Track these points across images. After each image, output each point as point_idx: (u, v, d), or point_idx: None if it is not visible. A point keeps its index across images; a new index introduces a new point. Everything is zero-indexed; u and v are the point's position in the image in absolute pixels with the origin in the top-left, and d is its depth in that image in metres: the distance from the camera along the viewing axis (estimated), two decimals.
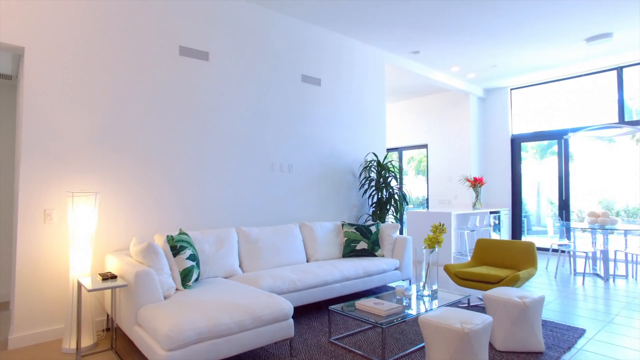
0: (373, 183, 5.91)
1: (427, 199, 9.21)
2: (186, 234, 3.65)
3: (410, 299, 3.52)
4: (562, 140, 7.83)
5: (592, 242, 5.98)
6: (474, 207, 7.94)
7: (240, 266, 4.20)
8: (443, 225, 3.80)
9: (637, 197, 11.41)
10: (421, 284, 3.73)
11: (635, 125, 6.03)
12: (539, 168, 10.27)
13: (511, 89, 8.59)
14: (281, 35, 5.13)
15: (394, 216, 5.83)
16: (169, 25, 4.15)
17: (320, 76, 5.56)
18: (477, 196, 7.90)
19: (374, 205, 5.84)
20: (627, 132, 6.08)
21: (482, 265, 4.61)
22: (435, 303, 3.47)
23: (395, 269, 4.85)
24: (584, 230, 5.76)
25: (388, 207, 5.75)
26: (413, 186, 10.87)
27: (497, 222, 8.08)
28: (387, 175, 5.76)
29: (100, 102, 3.69)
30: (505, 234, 8.30)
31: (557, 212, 8.10)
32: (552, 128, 8.03)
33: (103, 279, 3.00)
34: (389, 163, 5.83)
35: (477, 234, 7.60)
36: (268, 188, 4.94)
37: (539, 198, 10.86)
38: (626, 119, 7.05)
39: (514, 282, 3.87)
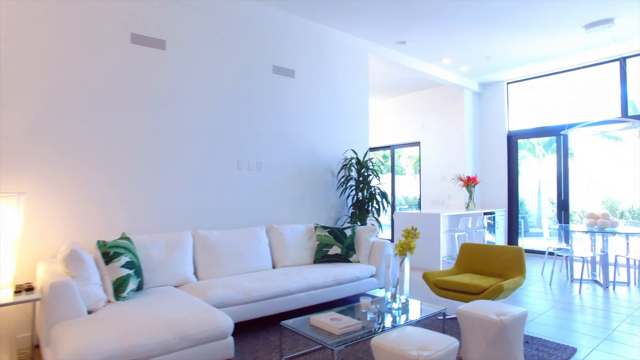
0: (353, 182, 5.49)
1: (420, 199, 8.78)
2: (127, 239, 3.26)
3: (376, 314, 3.11)
4: (561, 136, 7.36)
5: (592, 246, 5.52)
6: (467, 207, 7.50)
7: (195, 273, 3.82)
8: (416, 229, 3.38)
9: None
10: (389, 294, 3.32)
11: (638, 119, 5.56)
12: (541, 166, 9.80)
13: (508, 83, 8.13)
14: (249, 23, 4.74)
15: (375, 218, 5.42)
16: (118, 9, 3.76)
17: (295, 67, 5.15)
18: (470, 196, 7.46)
19: (353, 206, 5.42)
20: (627, 126, 5.61)
21: (466, 273, 4.19)
22: (404, 319, 3.06)
23: (371, 276, 4.43)
24: (585, 232, 5.31)
25: (369, 208, 5.33)
26: (411, 185, 10.44)
27: (492, 222, 7.63)
28: (367, 173, 5.35)
29: (35, 91, 3.31)
30: (500, 236, 7.85)
31: (557, 212, 7.63)
32: (551, 124, 7.56)
33: (16, 292, 2.62)
34: (369, 161, 5.41)
35: (469, 236, 7.17)
36: (234, 188, 4.54)
37: (540, 198, 10.39)
38: (630, 114, 6.57)
39: (496, 293, 3.44)
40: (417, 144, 8.86)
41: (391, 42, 6.06)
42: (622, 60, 6.60)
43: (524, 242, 8.14)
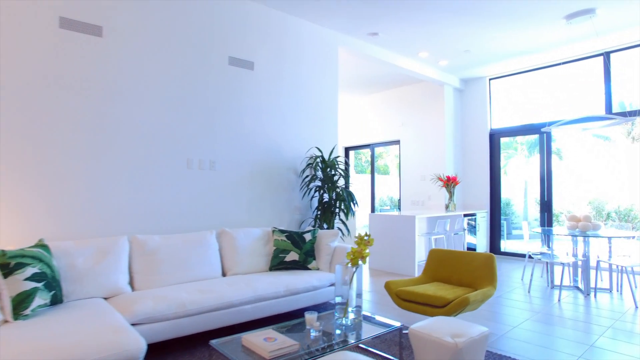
0: (319, 182, 5.12)
1: (400, 199, 8.43)
2: (43, 246, 2.87)
3: (320, 331, 2.74)
4: (544, 134, 7.04)
5: (573, 250, 5.19)
6: (447, 208, 7.16)
7: (131, 283, 3.43)
8: (369, 236, 3.01)
9: (630, 198, 10.62)
10: (340, 309, 2.95)
11: (623, 116, 5.25)
12: (527, 166, 9.50)
13: (490, 79, 7.81)
14: (203, 10, 4.35)
15: (342, 220, 5.05)
16: None
17: (254, 59, 4.77)
18: (450, 197, 7.12)
19: (318, 208, 5.05)
20: (609, 123, 5.30)
21: (433, 282, 3.83)
22: (354, 337, 2.69)
23: (332, 285, 4.06)
24: (565, 235, 4.98)
25: (336, 210, 4.97)
26: (396, 186, 10.10)
27: (473, 223, 7.29)
28: (333, 173, 4.98)
29: None
30: (482, 239, 7.52)
31: (540, 214, 7.31)
32: (535, 122, 7.24)
33: None
34: (335, 160, 5.04)
35: (447, 239, 6.82)
36: (183, 189, 4.16)
37: (526, 199, 10.09)
38: (615, 111, 6.25)
39: (461, 307, 3.09)
40: (397, 142, 8.51)
41: (362, 33, 5.70)
42: (606, 55, 6.29)
43: (506, 245, 7.82)
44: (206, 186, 4.32)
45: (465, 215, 6.99)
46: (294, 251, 4.13)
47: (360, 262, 2.98)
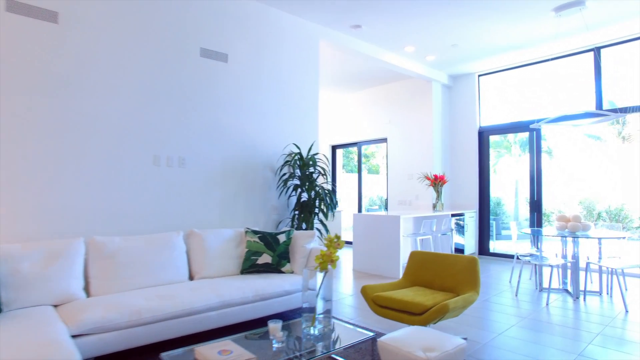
0: (297, 181, 4.88)
1: (387, 199, 8.21)
2: None
3: (283, 342, 2.50)
4: (534, 132, 6.85)
5: (563, 252, 4.99)
6: (434, 208, 6.95)
7: (86, 288, 3.17)
8: (339, 238, 2.78)
9: (621, 198, 10.49)
10: (307, 317, 2.72)
11: (614, 113, 5.07)
12: (517, 165, 9.33)
13: (479, 75, 7.60)
14: None
15: (320, 221, 4.82)
16: None
17: (228, 51, 4.52)
18: (438, 197, 6.91)
19: (296, 207, 4.81)
20: (598, 120, 5.11)
21: (413, 286, 3.61)
22: (321, 348, 2.46)
23: (307, 290, 3.82)
24: (554, 236, 4.78)
25: (315, 210, 4.73)
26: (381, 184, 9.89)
27: (462, 223, 7.08)
28: (311, 171, 4.75)
29: None
30: (470, 240, 7.31)
31: (530, 214, 7.12)
32: (524, 119, 7.04)
33: None
34: (314, 157, 4.80)
35: (434, 240, 6.61)
36: (150, 187, 3.90)
37: (517, 198, 9.92)
38: (605, 108, 6.07)
39: (440, 314, 2.86)
40: (384, 140, 8.29)
41: (345, 26, 5.47)
42: (597, 51, 6.11)
43: (495, 245, 7.63)
44: (175, 184, 4.07)
45: (453, 215, 6.78)
46: (266, 253, 3.89)
47: (329, 266, 2.74)
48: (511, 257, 7.09)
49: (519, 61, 6.92)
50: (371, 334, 2.68)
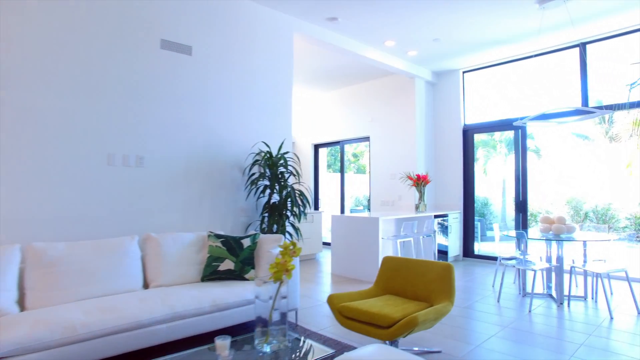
0: (267, 181, 4.61)
1: (369, 199, 7.96)
2: None
3: None
4: (519, 130, 6.64)
5: (547, 256, 4.76)
6: (417, 209, 6.71)
7: (21, 301, 2.87)
8: (295, 245, 2.52)
9: (610, 198, 10.35)
10: (260, 332, 2.46)
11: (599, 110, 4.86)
12: (505, 165, 9.14)
13: (463, 72, 7.38)
14: None
15: (291, 224, 4.55)
16: None
17: (192, 43, 4.24)
18: (420, 197, 6.68)
19: (265, 209, 4.54)
20: (582, 118, 4.91)
21: (385, 295, 3.36)
22: None
23: (270, 298, 3.55)
24: (537, 239, 4.56)
25: (286, 211, 4.47)
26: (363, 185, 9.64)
27: (444, 225, 6.86)
28: (281, 171, 4.48)
29: None
30: (455, 241, 7.09)
31: (515, 215, 6.91)
32: (510, 117, 6.82)
33: None
34: (284, 155, 4.52)
35: (416, 243, 6.39)
36: (104, 188, 3.61)
37: (504, 199, 9.74)
38: (591, 105, 5.87)
39: (408, 328, 2.61)
40: (367, 139, 8.04)
41: (320, 18, 5.20)
42: (582, 47, 5.91)
43: (481, 247, 7.41)
44: (133, 185, 3.78)
45: (436, 217, 6.55)
46: (229, 259, 3.61)
47: (284, 276, 2.48)
48: (496, 259, 6.88)
49: (504, 57, 6.71)
50: (330, 351, 2.42)
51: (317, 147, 9.20)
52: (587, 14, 5.05)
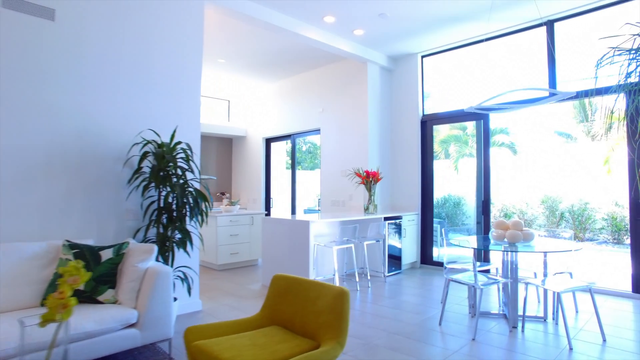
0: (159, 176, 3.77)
1: (319, 199, 7.16)
2: None
3: None
4: (481, 120, 5.87)
5: (503, 268, 3.97)
6: (366, 210, 5.92)
7: None
8: (80, 268, 1.71)
9: (588, 197, 9.68)
10: None
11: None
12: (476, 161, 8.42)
13: (422, 56, 6.60)
14: None
15: (182, 229, 3.71)
16: None
17: (55, 5, 3.39)
18: (370, 197, 5.88)
19: (155, 211, 3.71)
20: (544, 101, 4.15)
21: (270, 326, 2.55)
22: None
23: (131, 326, 2.74)
24: (489, 249, 3.79)
25: (179, 213, 3.64)
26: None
27: (401, 227, 6.07)
28: (179, 165, 3.64)
29: None
30: (410, 247, 6.30)
31: (477, 217, 6.15)
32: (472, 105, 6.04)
33: None
34: (176, 147, 3.69)
35: (358, 250, 5.60)
36: None
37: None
38: (559, 89, 5.10)
39: None
40: (318, 131, 7.24)
41: None
42: (549, 25, 5.15)
43: (443, 252, 6.63)
44: None
45: (387, 219, 5.76)
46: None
47: (61, 316, 1.66)
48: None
49: (465, 38, 5.92)
50: None
51: (268, 141, 8.37)
52: None
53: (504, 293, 4.09)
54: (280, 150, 8.58)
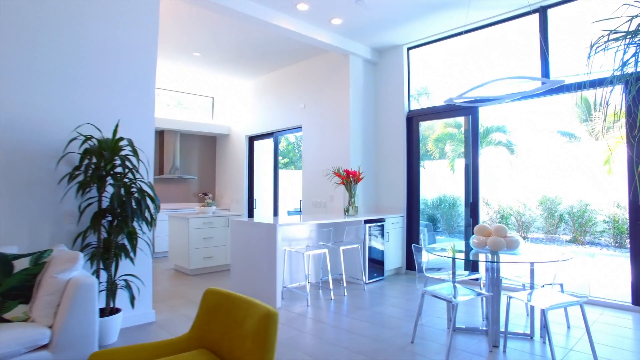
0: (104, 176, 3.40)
1: (301, 200, 6.77)
2: None
3: None
4: (469, 115, 5.46)
5: (487, 278, 3.57)
6: (346, 213, 5.53)
7: None
8: None
9: (590, 198, 9.22)
10: None
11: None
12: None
13: (408, 48, 6.19)
14: None
15: (129, 233, 3.35)
16: None
17: None
18: (350, 198, 5.49)
19: (95, 214, 3.35)
20: (525, 95, 3.76)
21: (198, 349, 2.18)
22: None
23: (40, 348, 2.37)
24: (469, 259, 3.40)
25: (126, 216, 3.27)
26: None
27: (383, 231, 5.67)
28: (119, 163, 3.28)
29: None
30: (395, 252, 5.89)
31: (465, 220, 5.74)
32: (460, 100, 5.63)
33: None
34: (118, 143, 3.31)
35: (334, 255, 5.21)
36: None
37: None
38: (552, 78, 4.68)
39: None
40: (300, 128, 6.86)
41: None
42: (542, 11, 4.74)
43: (429, 259, 6.21)
44: None
45: (367, 222, 5.36)
46: None
47: None
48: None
49: (452, 27, 5.51)
50: None
51: (251, 140, 8.00)
52: None
53: (487, 305, 3.69)
54: (266, 149, 8.20)
